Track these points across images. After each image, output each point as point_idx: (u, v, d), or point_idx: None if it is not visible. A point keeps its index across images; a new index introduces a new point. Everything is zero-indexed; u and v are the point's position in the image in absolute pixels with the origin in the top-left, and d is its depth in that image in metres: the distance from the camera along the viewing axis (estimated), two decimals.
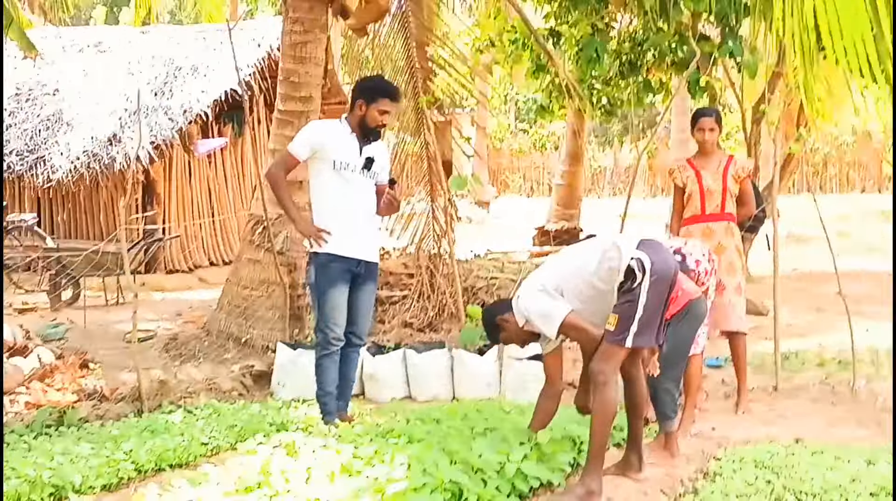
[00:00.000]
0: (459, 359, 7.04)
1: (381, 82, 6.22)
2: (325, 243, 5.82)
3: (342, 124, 5.94)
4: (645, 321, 4.61)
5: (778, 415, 6.45)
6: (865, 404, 6.57)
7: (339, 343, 5.90)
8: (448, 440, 5.11)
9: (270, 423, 5.98)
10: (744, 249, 7.22)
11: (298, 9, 7.83)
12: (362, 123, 5.87)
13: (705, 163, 6.57)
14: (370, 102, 5.84)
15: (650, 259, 4.60)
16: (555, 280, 4.85)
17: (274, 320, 7.90)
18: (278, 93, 8.02)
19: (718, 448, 5.61)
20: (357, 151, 5.88)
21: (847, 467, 5.02)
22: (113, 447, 5.29)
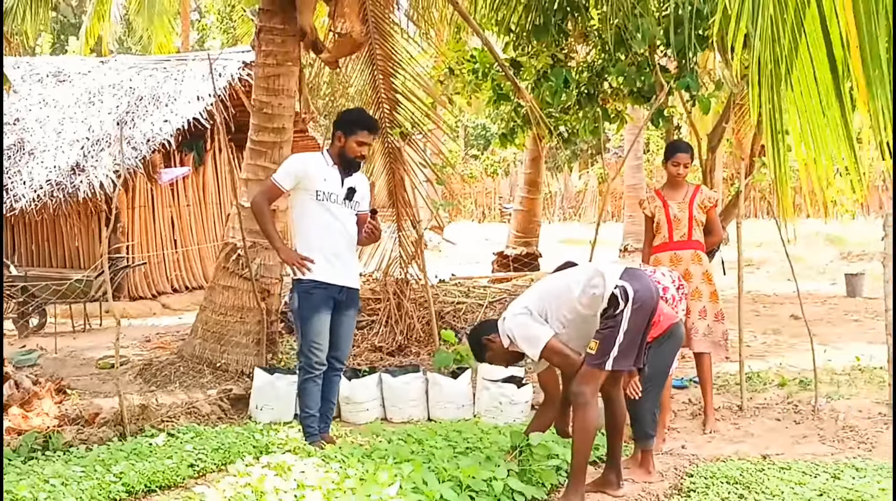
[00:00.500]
0: (434, 382, 7.22)
1: (358, 115, 6.42)
2: (308, 270, 6.00)
3: (324, 156, 6.15)
4: (625, 346, 4.86)
5: (744, 433, 6.69)
6: (827, 422, 6.82)
7: (322, 367, 6.09)
8: (433, 459, 5.32)
9: (254, 445, 6.12)
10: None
11: (271, 42, 8.00)
12: (342, 154, 6.08)
13: (673, 193, 6.88)
14: (349, 134, 6.06)
15: (633, 288, 4.85)
16: (540, 305, 5.09)
17: (248, 345, 8.02)
18: (251, 123, 8.17)
19: (690, 465, 5.85)
20: (339, 181, 6.09)
21: (814, 482, 5.27)
22: (103, 470, 5.41)
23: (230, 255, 8.08)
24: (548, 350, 5.00)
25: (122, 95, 13.81)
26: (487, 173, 31.94)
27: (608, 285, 4.89)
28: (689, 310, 6.65)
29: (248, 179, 8.13)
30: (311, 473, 5.02)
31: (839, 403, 7.23)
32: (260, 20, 8.09)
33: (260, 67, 8.10)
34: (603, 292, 4.90)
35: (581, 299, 5.00)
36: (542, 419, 5.51)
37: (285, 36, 8.00)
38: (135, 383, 7.99)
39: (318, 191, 6.02)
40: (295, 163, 6.19)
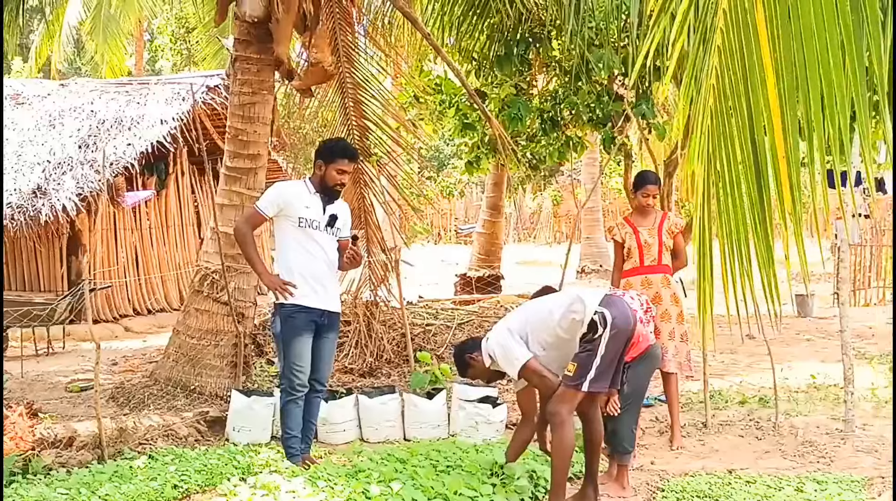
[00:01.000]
0: (410, 402, 7.37)
1: (338, 144, 6.61)
2: (290, 295, 6.13)
3: (306, 184, 6.31)
4: (601, 369, 5.09)
5: (709, 449, 6.92)
6: (787, 437, 7.07)
7: (303, 389, 6.22)
8: (417, 476, 5.48)
9: (236, 466, 6.23)
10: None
11: (247, 71, 8.13)
12: (323, 182, 6.24)
13: (642, 220, 7.15)
14: (328, 163, 6.22)
15: (611, 314, 5.08)
16: (521, 328, 5.30)
17: (222, 368, 8.11)
18: (226, 150, 8.28)
19: (660, 481, 6.08)
20: (321, 209, 6.24)
21: (779, 494, 5.55)
22: (88, 492, 5.51)
23: (205, 279, 8.16)
24: (527, 371, 5.20)
25: (84, 118, 13.80)
26: (443, 195, 32.09)
27: (588, 311, 5.11)
28: (659, 331, 6.88)
29: (223, 205, 8.23)
30: (301, 492, 5.14)
31: (797, 419, 7.52)
32: (235, 49, 8.22)
33: (235, 95, 8.21)
34: (583, 318, 5.12)
35: (561, 323, 5.20)
36: (520, 439, 5.70)
37: (261, 65, 8.14)
38: (108, 406, 8.03)
39: (300, 218, 6.17)
40: (278, 191, 6.33)
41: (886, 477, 5.94)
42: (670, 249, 7.13)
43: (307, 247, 6.22)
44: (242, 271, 8.16)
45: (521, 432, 5.71)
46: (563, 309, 5.24)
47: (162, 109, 13.55)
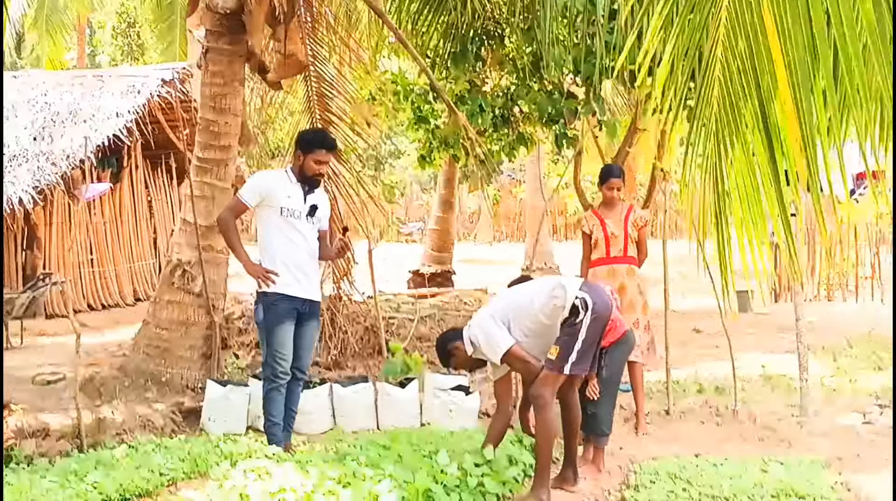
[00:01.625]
0: (384, 391, 7.51)
1: (316, 134, 6.77)
2: (272, 283, 6.23)
3: (287, 174, 6.43)
4: (582, 352, 5.30)
5: (673, 435, 7.19)
6: (746, 424, 7.38)
7: (286, 377, 6.34)
8: (401, 461, 5.62)
9: (219, 454, 6.33)
10: None
11: (218, 62, 8.18)
12: (302, 172, 6.36)
13: (609, 213, 7.40)
14: (307, 153, 6.36)
15: (592, 299, 5.29)
16: (504, 314, 5.48)
17: (193, 359, 8.16)
18: (197, 141, 8.33)
19: (632, 464, 6.31)
20: (302, 199, 6.37)
21: (747, 475, 5.80)
22: (76, 480, 5.57)
23: (175, 270, 8.19)
24: (509, 356, 5.39)
25: (38, 110, 13.67)
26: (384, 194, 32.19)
27: (569, 297, 5.31)
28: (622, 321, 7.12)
29: (192, 196, 8.26)
30: (292, 476, 5.25)
31: (754, 407, 7.84)
32: (207, 41, 8.26)
33: (206, 86, 8.26)
34: (564, 303, 5.32)
35: (543, 309, 5.40)
36: (497, 428, 5.86)
37: (232, 56, 8.20)
38: (79, 398, 7.99)
39: (282, 208, 6.30)
40: (260, 180, 6.44)
41: (843, 459, 6.29)
42: (636, 240, 7.38)
43: (289, 236, 6.35)
44: (213, 262, 8.22)
45: (497, 421, 5.87)
46: (544, 295, 5.43)
47: (117, 102, 13.48)
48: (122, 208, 14.83)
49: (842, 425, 7.24)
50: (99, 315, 13.63)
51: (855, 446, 6.66)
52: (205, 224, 8.17)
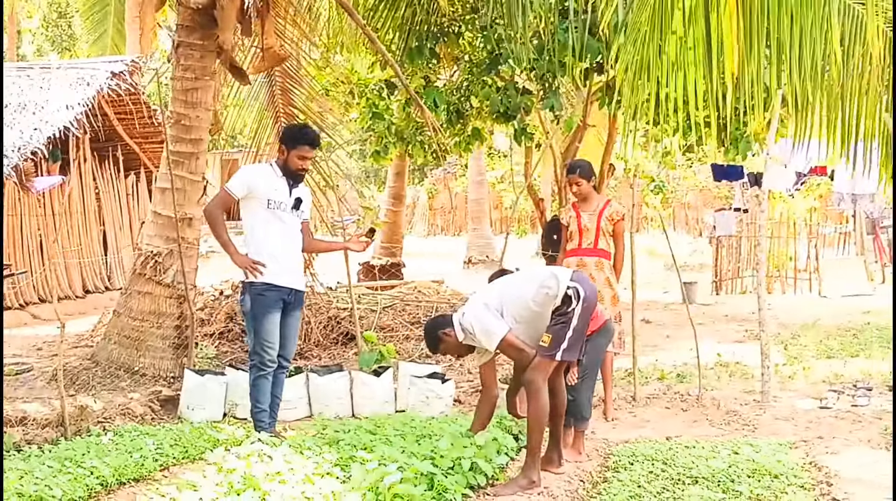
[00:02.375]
0: (359, 380, 7.70)
1: (300, 130, 6.88)
2: (260, 274, 6.40)
3: (273, 167, 6.59)
4: (573, 340, 5.57)
5: (642, 420, 7.48)
6: (710, 408, 7.69)
7: (273, 365, 6.50)
8: (391, 444, 5.83)
9: (207, 440, 6.50)
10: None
11: (190, 57, 8.27)
12: (286, 166, 6.53)
13: (585, 206, 7.67)
14: (290, 148, 6.54)
15: (583, 289, 5.56)
16: (498, 302, 5.71)
17: (165, 349, 8.26)
18: (168, 135, 8.39)
19: (607, 447, 6.58)
20: (287, 192, 6.54)
21: (720, 456, 6.07)
22: (73, 465, 5.66)
23: (147, 261, 8.27)
24: (504, 343, 5.62)
25: None
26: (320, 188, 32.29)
27: (561, 287, 5.56)
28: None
29: (164, 188, 8.35)
30: (292, 459, 5.42)
31: (716, 392, 8.18)
32: (179, 35, 8.35)
33: (178, 80, 8.34)
34: (556, 293, 5.57)
35: (535, 298, 5.64)
36: (483, 412, 6.10)
37: (204, 51, 8.30)
38: (51, 388, 8.06)
39: (269, 200, 6.46)
40: (248, 173, 6.59)
41: (808, 441, 6.62)
42: (610, 234, 7.65)
43: (276, 228, 6.51)
44: (185, 253, 8.33)
45: (483, 405, 6.09)
46: (536, 285, 5.67)
47: (67, 94, 13.40)
48: (71, 200, 14.74)
49: (801, 409, 7.58)
50: (49, 308, 13.53)
51: (816, 429, 6.99)
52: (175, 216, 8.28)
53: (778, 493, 5.28)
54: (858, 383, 8.29)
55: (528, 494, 5.42)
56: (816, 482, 5.58)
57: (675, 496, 5.30)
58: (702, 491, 5.33)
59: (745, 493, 5.28)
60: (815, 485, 5.51)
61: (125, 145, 15.41)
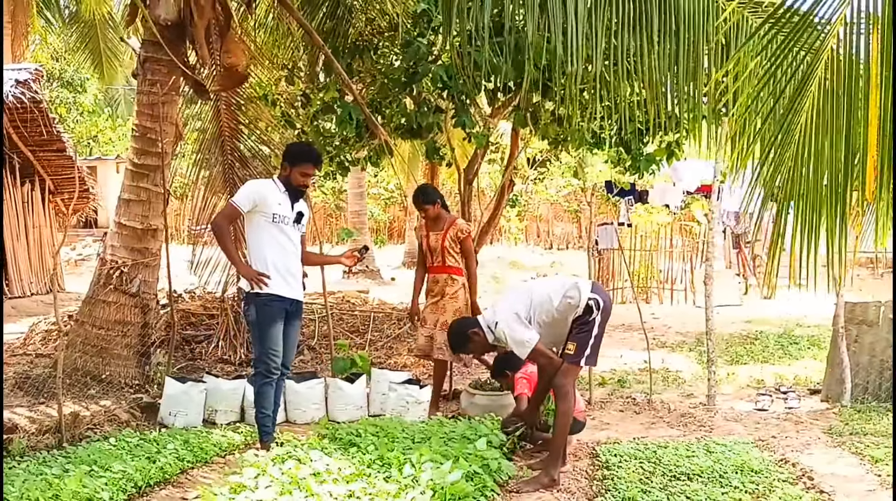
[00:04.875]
0: (335, 386, 8.04)
1: (303, 149, 7.23)
2: (265, 285, 6.69)
3: (276, 183, 6.88)
4: (594, 346, 6.16)
5: (602, 422, 8.02)
6: (662, 411, 8.32)
7: (278, 372, 6.79)
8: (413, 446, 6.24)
9: (215, 444, 6.78)
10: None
11: (157, 72, 8.40)
12: (287, 182, 6.85)
13: (434, 225, 8.43)
14: (293, 166, 6.84)
15: (602, 299, 6.14)
16: (526, 311, 6.24)
17: (130, 357, 8.39)
18: (133, 147, 8.53)
19: (586, 448, 7.04)
20: (290, 206, 6.84)
21: (698, 455, 6.59)
22: (99, 469, 5.87)
23: (112, 272, 8.39)
24: (535, 352, 6.17)
25: None
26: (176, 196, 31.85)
27: (582, 297, 6.13)
28: (426, 320, 8.27)
29: (129, 200, 8.48)
30: (328, 461, 5.77)
31: (660, 397, 8.82)
32: (146, 51, 8.48)
33: (144, 94, 8.47)
34: (578, 303, 6.13)
35: (559, 307, 6.19)
36: None
37: (171, 67, 8.46)
38: (19, 396, 8.07)
39: (274, 214, 6.73)
40: (254, 188, 6.83)
41: (765, 440, 7.23)
42: (457, 252, 8.36)
43: (280, 241, 6.79)
44: (148, 264, 8.49)
45: None
46: (560, 295, 6.23)
47: None
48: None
49: (743, 411, 8.30)
50: None
51: (765, 429, 7.66)
52: (140, 227, 8.45)
53: (768, 487, 5.86)
54: (781, 387, 9.12)
55: (549, 491, 5.90)
56: (796, 477, 6.16)
57: (679, 490, 5.81)
58: (702, 487, 5.86)
59: (741, 488, 5.85)
60: (798, 479, 6.10)
61: (20, 153, 15.14)
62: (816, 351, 11.04)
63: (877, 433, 7.32)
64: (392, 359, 10.07)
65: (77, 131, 29.80)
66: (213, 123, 10.45)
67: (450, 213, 8.58)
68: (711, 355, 8.42)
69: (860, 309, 8.56)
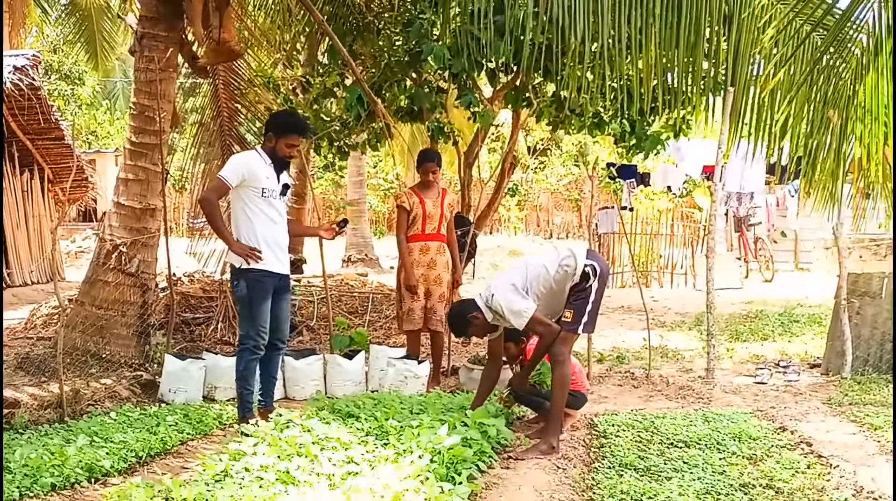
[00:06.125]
0: (334, 362, 8.05)
1: (289, 118, 7.10)
2: (258, 260, 6.63)
3: (261, 155, 6.78)
4: (592, 313, 6.15)
5: (600, 396, 8.04)
6: (660, 385, 8.35)
7: (264, 349, 6.75)
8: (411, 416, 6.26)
9: (215, 417, 6.83)
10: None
11: (154, 48, 8.39)
12: (273, 153, 6.78)
13: (427, 192, 8.38)
14: (278, 137, 6.74)
15: (599, 266, 6.14)
16: (522, 282, 6.22)
17: (129, 337, 8.40)
18: (130, 125, 8.55)
19: (584, 420, 7.05)
20: (276, 179, 6.77)
21: (696, 424, 6.64)
22: (100, 440, 5.92)
23: (112, 252, 8.38)
24: (532, 321, 6.14)
25: None
26: (175, 189, 31.79)
27: (579, 264, 6.11)
28: (430, 293, 8.16)
29: (126, 180, 8.48)
30: (329, 429, 5.78)
31: (663, 371, 8.88)
32: (142, 27, 8.48)
33: (142, 71, 8.46)
34: (574, 271, 6.11)
35: (555, 276, 6.19)
36: (488, 383, 6.65)
37: (168, 43, 8.45)
38: (17, 375, 8.08)
39: (263, 188, 6.65)
40: (241, 162, 6.73)
41: (764, 410, 7.26)
42: (448, 221, 8.38)
43: (270, 215, 6.72)
44: (146, 243, 8.49)
45: (487, 376, 6.64)
46: (556, 264, 6.21)
47: None
48: None
49: (742, 385, 8.33)
50: None
51: (763, 401, 7.70)
52: (139, 207, 8.44)
53: (766, 453, 5.89)
54: (781, 361, 9.13)
55: (548, 458, 5.90)
56: (795, 443, 6.19)
57: (677, 456, 5.83)
58: (699, 453, 5.90)
59: (739, 453, 5.88)
60: (796, 445, 6.13)
61: (20, 142, 15.14)
62: (817, 328, 11.05)
63: (877, 403, 7.37)
64: (391, 339, 10.07)
65: (76, 124, 29.79)
66: (212, 105, 10.42)
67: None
68: (711, 328, 8.40)
69: (863, 280, 8.56)
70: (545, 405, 6.44)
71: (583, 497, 5.17)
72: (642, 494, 5.04)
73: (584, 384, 6.84)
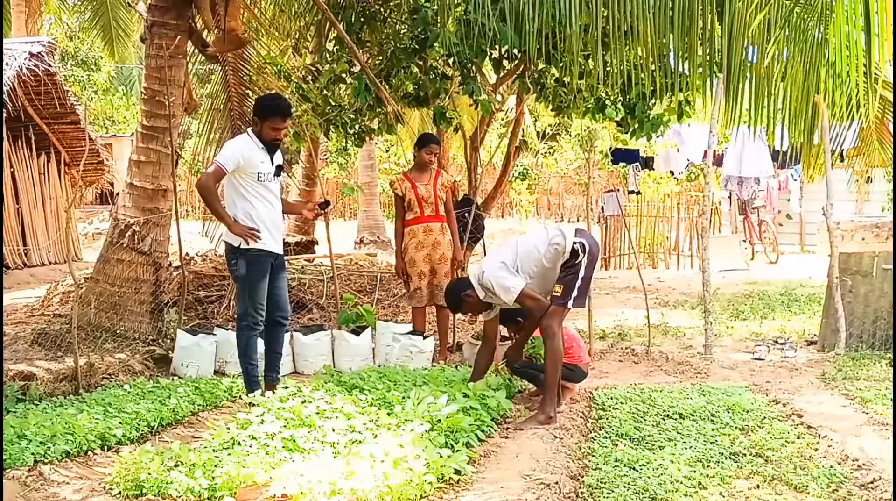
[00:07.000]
0: (341, 337, 8.27)
1: (271, 101, 7.17)
2: (258, 240, 6.81)
3: (253, 139, 6.92)
4: (582, 288, 6.34)
5: (601, 371, 8.24)
6: (660, 361, 8.54)
7: (263, 325, 6.98)
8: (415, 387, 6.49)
9: (225, 390, 7.07)
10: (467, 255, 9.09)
11: (164, 36, 8.61)
12: (260, 137, 6.92)
13: (420, 176, 8.59)
14: (263, 120, 6.87)
15: (587, 243, 6.34)
16: (512, 260, 6.44)
17: (143, 313, 8.65)
18: (142, 110, 8.78)
19: (584, 393, 7.25)
20: (269, 161, 6.93)
21: (692, 397, 6.84)
22: (115, 411, 6.16)
23: (125, 231, 8.62)
24: (522, 296, 6.34)
25: None
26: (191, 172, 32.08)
27: (568, 242, 6.32)
28: (436, 271, 8.38)
29: (139, 161, 8.72)
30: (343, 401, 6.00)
31: (663, 347, 9.05)
32: (152, 15, 8.70)
33: (152, 58, 8.69)
34: (564, 249, 6.32)
35: (546, 254, 6.39)
36: (482, 363, 6.85)
37: (178, 31, 8.67)
38: (34, 350, 8.32)
39: (259, 173, 6.83)
40: (237, 147, 6.88)
41: (759, 385, 7.45)
42: (444, 201, 8.57)
43: (266, 197, 6.90)
44: (158, 223, 8.73)
45: (482, 357, 6.84)
46: (546, 243, 6.41)
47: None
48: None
49: (740, 361, 8.53)
50: None
51: (760, 376, 7.90)
52: (150, 188, 8.68)
53: (758, 424, 6.09)
54: (779, 339, 9.32)
55: (546, 428, 6.08)
56: (786, 415, 6.39)
57: (671, 427, 6.03)
58: (693, 423, 6.11)
59: (731, 424, 6.08)
60: (787, 417, 6.33)
61: (36, 126, 15.40)
62: (816, 307, 11.21)
63: (869, 378, 7.54)
64: (399, 317, 10.28)
65: (93, 109, 30.05)
66: (224, 92, 10.64)
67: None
68: (708, 305, 8.59)
69: (854, 259, 8.74)
70: (540, 377, 6.66)
71: (578, 464, 5.34)
72: (635, 461, 5.22)
73: (582, 358, 7.02)
